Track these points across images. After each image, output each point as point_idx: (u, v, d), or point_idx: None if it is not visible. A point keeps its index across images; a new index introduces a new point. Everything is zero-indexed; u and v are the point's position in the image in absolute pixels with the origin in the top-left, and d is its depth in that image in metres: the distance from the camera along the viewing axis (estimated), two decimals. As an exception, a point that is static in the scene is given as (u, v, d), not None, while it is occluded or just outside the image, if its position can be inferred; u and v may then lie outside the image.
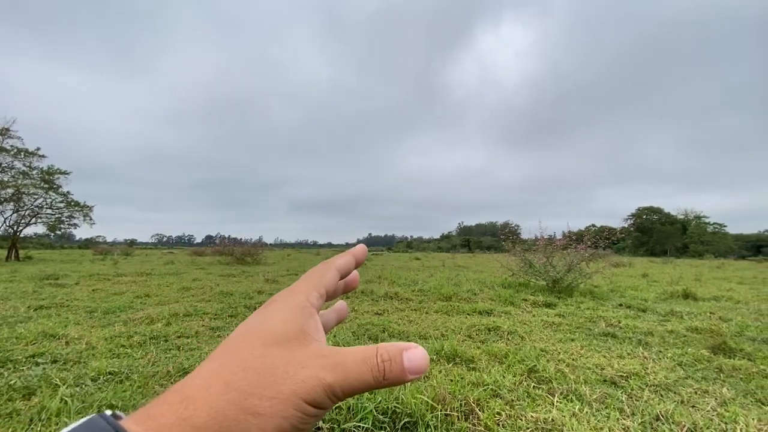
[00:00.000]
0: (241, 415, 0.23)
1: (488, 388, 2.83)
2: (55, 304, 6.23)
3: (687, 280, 12.39)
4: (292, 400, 0.24)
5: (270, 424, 0.23)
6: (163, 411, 0.23)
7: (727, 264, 30.94)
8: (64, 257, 25.54)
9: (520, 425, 2.30)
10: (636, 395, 2.92)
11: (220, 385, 0.24)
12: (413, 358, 0.28)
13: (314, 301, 0.32)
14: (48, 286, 8.58)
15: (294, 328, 0.28)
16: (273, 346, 0.27)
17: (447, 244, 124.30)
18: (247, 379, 0.24)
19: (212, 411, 0.23)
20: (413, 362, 0.28)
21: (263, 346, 0.27)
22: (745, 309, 7.02)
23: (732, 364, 3.67)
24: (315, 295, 0.32)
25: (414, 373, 0.28)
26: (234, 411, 0.23)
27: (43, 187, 25.46)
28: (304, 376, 0.25)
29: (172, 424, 0.22)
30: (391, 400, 2.41)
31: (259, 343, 0.27)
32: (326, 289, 0.34)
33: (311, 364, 0.26)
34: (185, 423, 0.22)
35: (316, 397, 0.25)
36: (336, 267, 0.36)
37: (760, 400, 2.97)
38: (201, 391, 0.24)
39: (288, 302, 0.31)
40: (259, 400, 0.24)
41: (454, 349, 3.71)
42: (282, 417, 0.24)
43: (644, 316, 6.11)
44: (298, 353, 0.27)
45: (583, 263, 9.04)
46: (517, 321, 5.46)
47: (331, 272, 0.35)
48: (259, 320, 0.29)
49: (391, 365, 0.27)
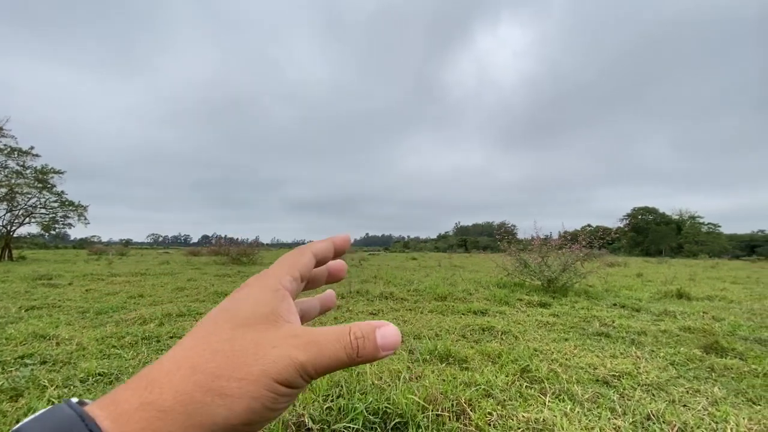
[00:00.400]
0: (207, 397, 0.23)
1: (480, 388, 2.83)
2: (47, 305, 6.18)
3: (681, 280, 12.45)
4: (263, 380, 0.24)
5: (239, 405, 0.23)
6: (127, 396, 0.23)
7: (721, 264, 31.16)
8: (58, 257, 25.33)
9: (511, 425, 2.29)
10: (628, 395, 2.92)
11: (187, 369, 0.24)
12: (386, 335, 0.29)
13: (287, 284, 0.31)
14: (41, 286, 8.51)
15: (265, 310, 0.28)
16: (242, 328, 0.26)
17: (444, 244, 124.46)
18: (216, 362, 0.24)
19: (178, 394, 0.22)
20: (386, 339, 0.28)
21: (232, 329, 0.26)
22: (738, 308, 7.06)
23: (724, 364, 3.69)
24: (288, 278, 0.31)
25: (387, 349, 0.28)
26: (200, 393, 0.23)
27: (36, 187, 25.27)
28: (274, 356, 0.25)
29: (136, 409, 0.22)
30: (382, 401, 2.40)
31: (229, 326, 0.27)
32: (300, 273, 0.33)
33: (282, 344, 0.26)
34: (150, 407, 0.22)
35: (287, 376, 0.25)
36: (311, 251, 0.35)
37: (751, 399, 2.99)
38: (167, 375, 0.23)
39: (259, 285, 0.30)
40: (227, 382, 0.23)
41: (447, 349, 3.70)
42: (252, 397, 0.24)
43: (638, 316, 6.13)
44: (268, 334, 0.26)
45: (577, 263, 9.06)
46: (511, 321, 5.46)
47: (305, 256, 0.34)
48: (230, 304, 0.29)
49: (364, 342, 0.28)
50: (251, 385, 0.24)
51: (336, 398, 2.47)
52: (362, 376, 2.82)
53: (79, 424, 0.21)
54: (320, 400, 2.44)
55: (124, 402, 0.22)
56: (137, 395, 0.22)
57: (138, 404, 0.22)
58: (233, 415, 0.23)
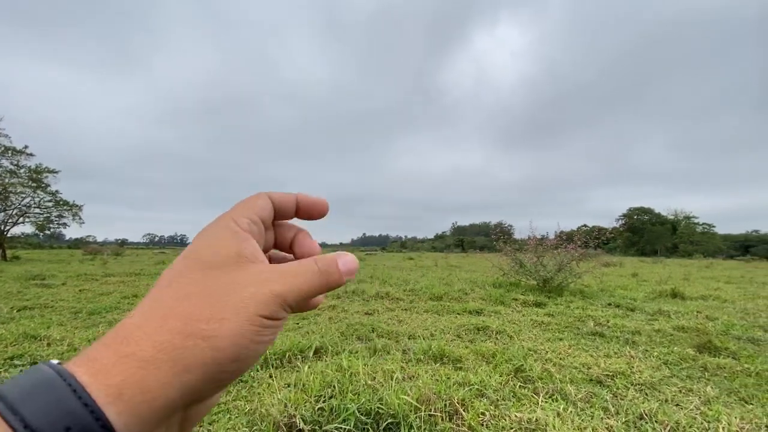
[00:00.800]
0: (189, 341, 0.23)
1: (474, 388, 2.82)
2: (39, 305, 6.13)
3: (676, 280, 12.52)
4: (245, 316, 0.24)
5: (224, 344, 0.23)
6: (103, 352, 0.22)
7: (715, 264, 31.36)
8: (53, 257, 25.14)
9: (504, 425, 2.29)
10: (621, 394, 2.92)
11: (158, 318, 0.23)
12: (346, 262, 0.31)
13: (244, 225, 0.30)
14: (34, 286, 8.44)
15: (229, 252, 0.27)
16: (212, 270, 0.26)
17: (441, 244, 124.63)
18: (190, 306, 0.24)
19: (157, 343, 0.22)
20: (347, 266, 0.31)
21: (201, 271, 0.26)
22: (732, 308, 7.10)
23: (717, 363, 3.71)
24: (244, 220, 0.30)
25: (349, 274, 0.31)
26: (180, 338, 0.23)
27: (31, 186, 25.10)
28: (251, 291, 0.26)
29: (115, 362, 0.21)
30: (374, 401, 2.39)
31: (196, 268, 0.26)
32: (259, 215, 0.31)
33: (255, 281, 0.26)
34: (129, 359, 0.21)
35: (269, 308, 0.26)
36: (268, 195, 0.33)
37: (744, 398, 3.00)
38: (139, 328, 0.23)
39: (216, 228, 0.29)
40: (207, 324, 0.23)
41: (441, 349, 3.69)
42: (236, 334, 0.24)
43: (632, 316, 6.15)
44: (239, 274, 0.27)
45: (573, 263, 9.08)
46: (506, 320, 5.46)
47: (261, 199, 0.32)
48: (191, 250, 0.28)
49: (330, 268, 0.30)
50: (234, 323, 0.24)
51: (328, 399, 2.46)
52: (355, 377, 2.81)
53: (58, 381, 0.20)
54: (312, 400, 2.43)
55: (101, 358, 0.22)
56: (113, 350, 0.22)
57: (116, 358, 0.22)
58: (220, 354, 0.23)
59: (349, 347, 3.84)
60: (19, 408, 0.19)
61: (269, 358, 3.32)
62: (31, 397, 0.20)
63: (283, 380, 2.86)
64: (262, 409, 2.34)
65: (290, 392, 2.56)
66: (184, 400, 0.23)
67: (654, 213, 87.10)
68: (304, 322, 5.14)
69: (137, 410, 0.21)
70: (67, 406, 0.20)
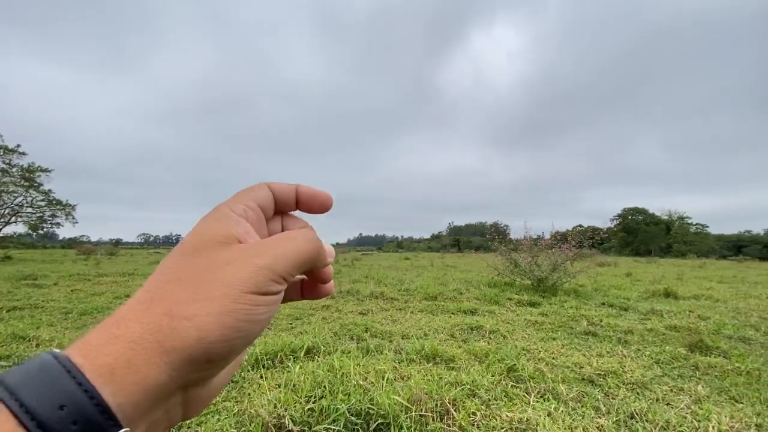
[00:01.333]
0: (174, 322, 0.23)
1: (466, 388, 2.81)
2: (29, 305, 6.06)
3: (669, 280, 12.61)
4: (228, 294, 0.25)
5: (208, 323, 0.24)
6: (94, 335, 0.23)
7: (708, 263, 31.63)
8: (46, 257, 24.88)
9: (494, 425, 2.28)
10: (612, 393, 2.93)
11: (147, 301, 0.24)
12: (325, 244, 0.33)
13: (240, 211, 0.30)
14: (25, 286, 8.34)
15: (214, 233, 0.28)
16: (192, 255, 0.27)
17: (437, 244, 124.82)
18: (174, 289, 0.25)
19: (144, 324, 0.23)
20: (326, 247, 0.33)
21: (183, 256, 0.27)
22: (724, 307, 7.16)
23: (708, 362, 3.72)
24: (239, 206, 0.30)
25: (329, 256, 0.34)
26: (166, 320, 0.23)
27: (23, 185, 24.87)
28: (233, 269, 0.26)
29: (105, 343, 0.22)
30: (365, 401, 2.38)
31: (180, 254, 0.27)
32: (256, 202, 0.32)
33: (237, 258, 0.26)
34: (118, 340, 0.22)
35: (255, 283, 0.26)
36: (268, 185, 0.33)
37: (734, 397, 3.01)
38: (131, 310, 0.24)
39: (209, 215, 0.30)
40: (189, 305, 0.24)
41: (434, 349, 3.68)
42: (220, 313, 0.24)
43: (626, 315, 6.18)
44: (221, 254, 0.27)
45: (567, 263, 9.12)
46: (500, 320, 5.47)
47: (260, 188, 0.33)
48: (183, 238, 0.29)
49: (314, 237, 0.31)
50: (215, 302, 0.24)
51: (318, 399, 2.44)
52: (347, 377, 2.80)
53: (54, 363, 0.22)
54: (302, 401, 2.41)
55: (93, 340, 0.23)
56: (105, 332, 0.23)
57: (106, 339, 0.23)
58: (206, 334, 0.23)
59: (342, 347, 3.82)
60: (16, 390, 0.20)
61: (260, 358, 3.30)
62: (28, 380, 0.21)
63: (273, 380, 2.83)
64: (251, 410, 2.32)
65: (280, 392, 2.53)
66: (175, 381, 0.23)
67: (648, 213, 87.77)
68: (297, 323, 5.11)
69: (129, 390, 0.22)
70: (61, 385, 0.21)
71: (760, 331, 5.18)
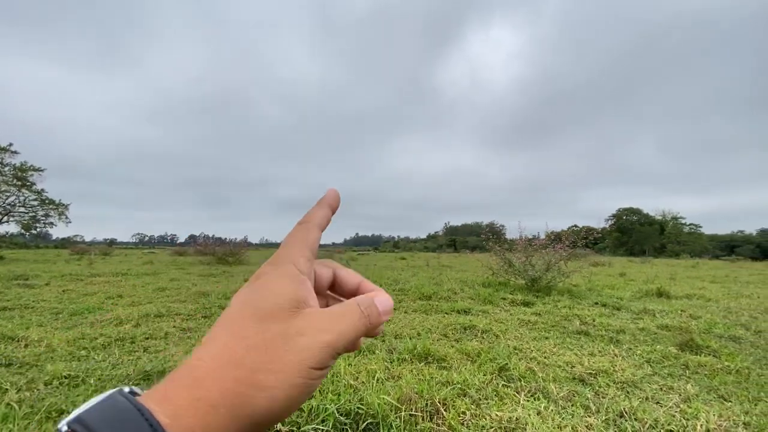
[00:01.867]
0: (250, 390, 0.25)
1: (456, 387, 2.81)
2: (19, 306, 5.99)
3: (662, 279, 12.69)
4: (298, 369, 0.26)
5: (279, 395, 0.25)
6: (178, 392, 0.24)
7: (701, 263, 31.88)
8: (38, 257, 24.62)
9: (484, 424, 2.28)
10: (603, 392, 2.94)
11: (227, 365, 0.25)
12: (382, 302, 0.33)
13: (302, 267, 0.32)
14: (16, 286, 8.25)
15: (287, 299, 0.29)
16: (269, 321, 0.28)
17: (433, 244, 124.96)
18: (251, 357, 0.26)
19: (223, 389, 0.24)
20: (383, 305, 0.33)
21: (260, 322, 0.28)
22: (715, 307, 7.21)
23: (698, 361, 3.75)
24: (302, 261, 0.32)
25: (386, 314, 0.33)
26: (243, 387, 0.25)
27: (15, 185, 24.63)
28: (305, 343, 0.27)
29: (189, 405, 0.23)
30: (354, 401, 2.37)
31: (256, 318, 0.28)
32: (312, 251, 0.34)
33: (308, 330, 0.28)
34: (201, 402, 0.23)
35: (321, 359, 0.27)
36: (316, 225, 0.36)
37: (723, 395, 3.03)
38: (211, 372, 0.25)
39: (276, 273, 0.31)
40: (265, 375, 0.25)
41: (426, 349, 3.68)
42: (290, 386, 0.26)
43: (618, 314, 6.21)
44: (294, 323, 0.28)
45: (561, 262, 9.15)
46: (493, 320, 5.48)
47: (312, 233, 0.35)
48: (251, 296, 0.30)
49: (371, 310, 0.32)
50: (288, 376, 0.26)
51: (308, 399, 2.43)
52: (337, 377, 2.79)
53: (137, 416, 0.22)
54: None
55: (176, 397, 0.24)
56: (187, 392, 0.24)
57: (190, 400, 0.23)
58: (275, 405, 0.25)
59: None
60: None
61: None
62: (113, 429, 0.21)
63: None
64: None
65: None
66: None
67: (642, 213, 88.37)
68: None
69: None
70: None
71: (750, 330, 5.23)
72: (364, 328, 0.31)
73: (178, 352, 3.70)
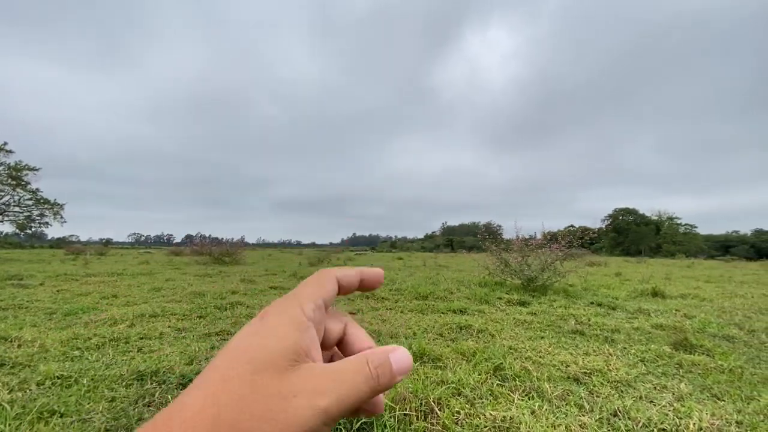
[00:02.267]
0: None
1: (451, 387, 2.82)
2: (13, 306, 5.95)
3: (657, 279, 12.75)
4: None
5: None
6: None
7: (696, 263, 32.06)
8: (33, 257, 24.45)
9: (478, 424, 2.29)
10: (597, 391, 2.95)
11: (209, 421, 0.23)
12: (399, 360, 0.29)
13: (310, 312, 0.29)
14: (9, 286, 8.19)
15: (286, 347, 0.26)
16: (263, 373, 0.25)
17: (430, 244, 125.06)
18: (239, 411, 0.23)
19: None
20: (400, 363, 0.29)
21: (253, 373, 0.25)
22: (710, 306, 7.26)
23: (691, 360, 3.77)
24: (311, 306, 0.29)
25: (401, 373, 0.29)
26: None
27: (10, 184, 24.45)
28: (297, 406, 0.24)
29: None
30: (349, 401, 2.36)
31: (249, 368, 0.25)
32: (324, 299, 0.31)
33: (303, 391, 0.25)
34: None
35: (312, 426, 0.24)
36: (336, 276, 0.33)
37: (716, 395, 3.05)
38: (189, 429, 0.22)
39: (282, 315, 0.28)
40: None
41: (422, 348, 3.69)
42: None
43: (613, 314, 6.24)
44: (290, 379, 0.25)
45: (557, 262, 9.19)
46: (489, 319, 5.49)
47: (330, 282, 0.32)
48: (250, 338, 0.27)
49: (382, 370, 0.28)
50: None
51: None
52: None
53: None
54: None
55: None
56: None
57: None
58: None
59: (330, 347, 3.80)
60: None
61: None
62: None
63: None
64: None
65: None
66: None
67: (638, 214, 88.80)
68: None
69: None
70: None
71: (744, 330, 5.27)
72: (371, 391, 0.27)
73: (173, 352, 3.68)
